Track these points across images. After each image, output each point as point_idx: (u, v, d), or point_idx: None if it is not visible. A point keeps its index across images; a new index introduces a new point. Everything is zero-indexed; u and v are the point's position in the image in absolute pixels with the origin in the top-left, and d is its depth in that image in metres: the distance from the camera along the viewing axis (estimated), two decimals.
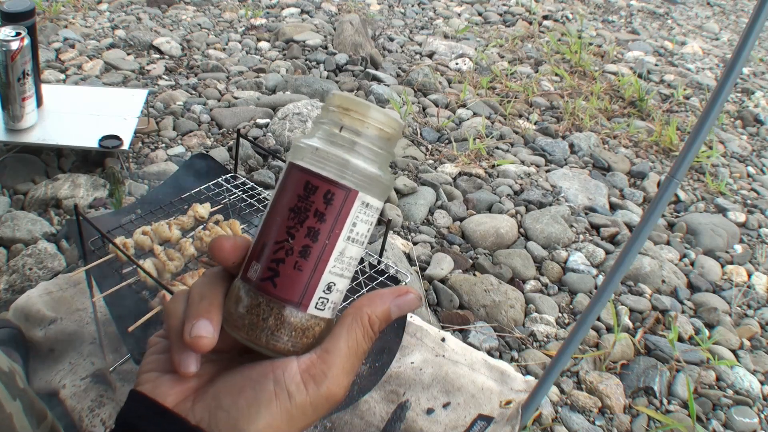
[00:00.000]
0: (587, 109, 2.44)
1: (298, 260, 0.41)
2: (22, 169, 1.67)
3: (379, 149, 0.42)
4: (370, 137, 0.41)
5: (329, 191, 0.40)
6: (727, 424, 1.31)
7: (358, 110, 0.41)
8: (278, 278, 0.41)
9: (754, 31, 0.75)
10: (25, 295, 1.26)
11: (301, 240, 0.40)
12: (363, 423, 1.13)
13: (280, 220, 0.41)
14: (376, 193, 0.42)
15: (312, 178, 0.40)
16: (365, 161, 0.41)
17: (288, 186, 0.41)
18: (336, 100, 0.42)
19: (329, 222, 0.41)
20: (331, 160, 0.40)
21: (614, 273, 0.95)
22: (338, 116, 0.41)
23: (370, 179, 0.41)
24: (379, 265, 1.14)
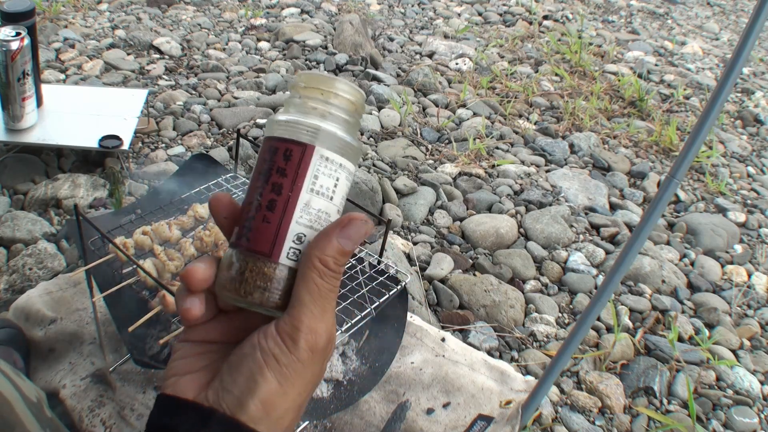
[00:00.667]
0: (587, 109, 2.44)
1: (265, 213, 0.44)
2: (22, 169, 1.67)
3: (339, 114, 0.46)
4: (330, 104, 0.46)
5: (287, 149, 0.44)
6: (727, 424, 1.31)
7: (318, 82, 0.46)
8: (250, 233, 0.44)
9: (754, 31, 0.75)
10: (25, 295, 1.26)
11: (267, 195, 0.44)
12: (363, 423, 1.13)
13: (253, 185, 0.45)
14: (337, 149, 0.45)
15: (274, 142, 0.45)
16: (322, 121, 0.45)
17: (259, 156, 0.46)
18: (301, 77, 0.47)
19: (290, 176, 0.44)
20: (290, 124, 0.45)
21: (614, 273, 0.95)
22: (301, 90, 0.46)
23: (328, 136, 0.45)
24: (379, 265, 1.14)
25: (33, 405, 0.74)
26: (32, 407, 0.73)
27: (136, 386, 1.11)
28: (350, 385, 1.14)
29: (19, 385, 0.73)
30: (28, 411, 0.72)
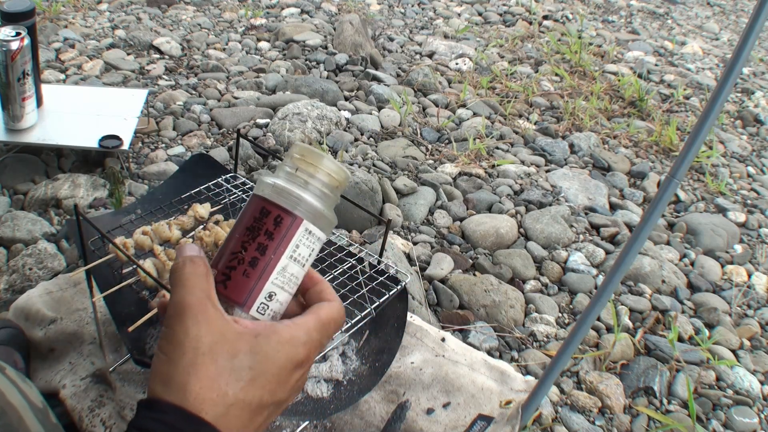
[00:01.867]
0: (587, 109, 2.44)
1: (246, 269, 0.49)
2: (22, 169, 1.67)
3: (325, 191, 0.51)
4: (319, 180, 0.51)
5: (279, 216, 0.50)
6: (727, 424, 1.31)
7: (313, 158, 0.51)
8: (229, 281, 0.49)
9: (754, 31, 0.75)
10: (25, 295, 1.26)
11: (252, 252, 0.49)
12: (363, 423, 1.13)
13: (238, 236, 0.50)
14: (320, 225, 0.51)
15: (267, 205, 0.50)
16: (312, 197, 0.50)
17: (248, 211, 0.51)
18: (296, 148, 0.52)
19: (276, 240, 0.49)
20: (284, 192, 0.50)
21: (614, 273, 0.95)
22: (296, 161, 0.51)
23: (315, 212, 0.50)
24: (379, 265, 1.14)
25: (39, 411, 0.74)
26: (38, 414, 0.73)
27: (136, 386, 1.11)
28: (350, 385, 1.14)
29: (25, 392, 0.73)
30: (35, 418, 0.72)
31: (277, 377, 0.46)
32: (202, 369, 0.43)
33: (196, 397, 0.43)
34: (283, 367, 0.46)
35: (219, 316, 0.46)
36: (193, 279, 0.47)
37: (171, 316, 0.46)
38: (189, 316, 0.45)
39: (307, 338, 0.48)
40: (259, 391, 0.45)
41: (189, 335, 0.44)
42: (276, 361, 0.46)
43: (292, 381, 0.47)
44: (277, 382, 0.46)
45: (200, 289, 0.47)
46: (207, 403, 0.43)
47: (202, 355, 0.44)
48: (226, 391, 0.43)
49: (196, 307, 0.45)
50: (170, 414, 0.42)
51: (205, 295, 0.47)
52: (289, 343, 0.47)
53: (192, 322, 0.45)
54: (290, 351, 0.47)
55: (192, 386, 0.43)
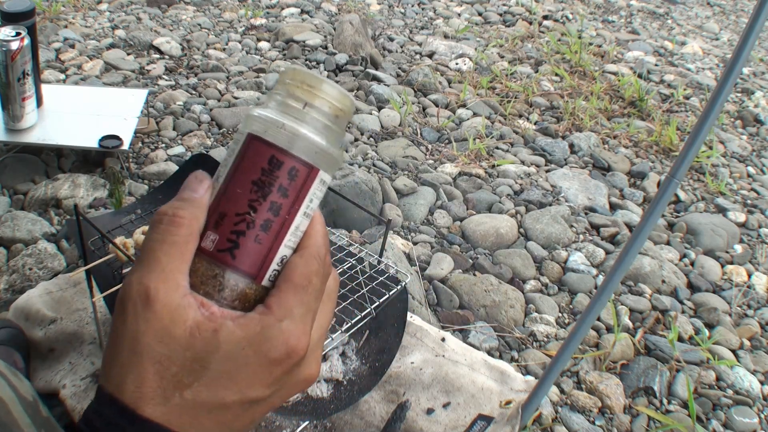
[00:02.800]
0: (587, 109, 2.44)
1: (258, 233, 0.41)
2: (22, 169, 1.67)
3: (335, 127, 0.43)
4: (329, 116, 0.42)
5: (294, 167, 0.41)
6: (727, 424, 1.31)
7: (318, 87, 0.42)
8: (237, 250, 0.41)
9: (754, 31, 0.75)
10: (25, 295, 1.26)
11: (264, 214, 0.41)
12: (363, 423, 1.13)
13: (241, 192, 0.41)
14: (332, 170, 0.43)
15: (277, 153, 0.41)
16: (327, 140, 0.42)
17: (249, 158, 0.41)
18: (296, 74, 0.42)
19: (291, 197, 0.41)
20: (297, 136, 0.41)
21: (614, 273, 0.95)
22: (299, 92, 0.42)
23: (329, 157, 0.42)
24: (379, 265, 1.14)
25: (29, 405, 0.73)
26: (28, 407, 0.73)
27: None
28: (350, 385, 1.14)
29: (15, 385, 0.73)
30: (24, 412, 0.71)
31: (245, 376, 0.39)
32: (138, 369, 0.38)
33: (132, 394, 0.38)
34: (253, 364, 0.39)
35: (171, 307, 0.38)
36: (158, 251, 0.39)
37: (118, 299, 0.40)
38: (129, 308, 0.39)
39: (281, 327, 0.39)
40: (218, 390, 0.39)
41: (127, 329, 0.38)
42: (241, 359, 0.39)
43: (270, 378, 0.40)
44: (247, 381, 0.39)
45: (160, 269, 0.39)
46: (145, 401, 0.38)
47: (138, 355, 0.38)
48: (169, 392, 0.38)
49: (142, 297, 0.38)
50: (107, 407, 0.39)
51: (164, 277, 0.39)
52: (258, 339, 0.39)
53: (132, 316, 0.38)
54: (261, 346, 0.39)
55: (127, 385, 0.38)
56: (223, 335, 0.38)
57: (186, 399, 0.38)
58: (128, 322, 0.38)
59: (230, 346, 0.38)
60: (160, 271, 0.39)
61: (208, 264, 0.41)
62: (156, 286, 0.38)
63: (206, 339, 0.38)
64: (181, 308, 0.38)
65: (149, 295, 0.38)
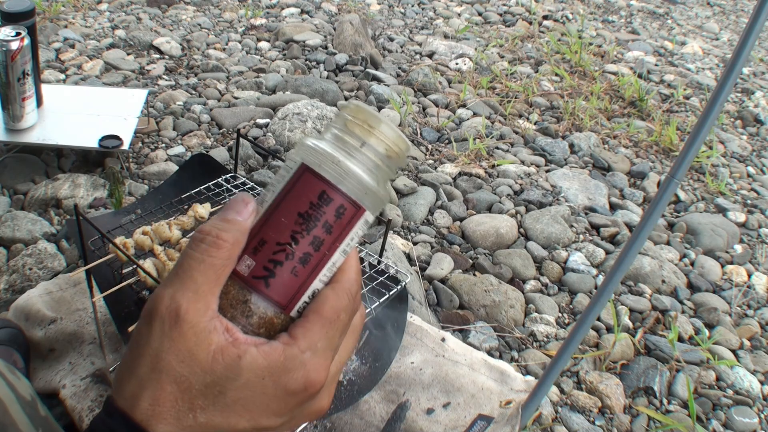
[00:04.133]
0: (587, 109, 2.44)
1: (296, 266, 0.40)
2: (22, 169, 1.67)
3: (387, 169, 0.42)
4: (384, 158, 0.42)
5: (342, 206, 0.41)
6: (727, 424, 1.31)
7: (379, 129, 0.42)
8: (272, 279, 0.40)
9: (754, 31, 0.75)
10: (25, 295, 1.26)
11: (305, 247, 0.40)
12: (363, 423, 1.13)
13: (286, 221, 0.40)
14: (376, 211, 0.43)
15: (328, 189, 0.40)
16: (378, 183, 0.41)
17: (299, 189, 0.41)
18: (358, 112, 0.42)
19: (334, 234, 0.41)
20: (350, 176, 0.40)
21: (614, 273, 0.95)
22: (359, 130, 0.42)
23: (377, 198, 0.42)
24: (379, 265, 1.14)
25: (27, 404, 0.73)
26: (26, 407, 0.73)
27: None
28: (350, 385, 1.14)
29: (13, 384, 0.73)
30: (22, 411, 0.71)
31: (260, 404, 0.39)
32: (155, 386, 0.38)
33: (144, 411, 0.38)
34: (270, 394, 0.39)
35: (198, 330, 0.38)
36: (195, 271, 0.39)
37: (145, 311, 0.40)
38: (157, 325, 0.38)
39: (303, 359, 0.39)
40: (231, 416, 0.39)
41: (150, 346, 0.38)
42: (259, 388, 0.39)
43: (284, 409, 0.40)
44: (261, 410, 0.39)
45: (194, 290, 0.39)
46: (157, 420, 0.38)
47: (158, 372, 0.38)
48: (183, 413, 0.38)
49: (171, 315, 0.38)
50: (116, 420, 0.39)
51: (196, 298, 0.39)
52: (279, 369, 0.39)
53: (158, 333, 0.38)
54: (281, 377, 0.39)
55: (142, 401, 0.38)
56: (245, 362, 0.38)
57: (199, 422, 0.38)
58: (153, 338, 0.38)
59: (251, 374, 0.38)
60: (194, 291, 0.39)
61: (240, 288, 0.41)
62: (187, 307, 0.38)
63: (228, 365, 0.38)
64: (207, 331, 0.38)
65: (179, 314, 0.38)
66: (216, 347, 0.38)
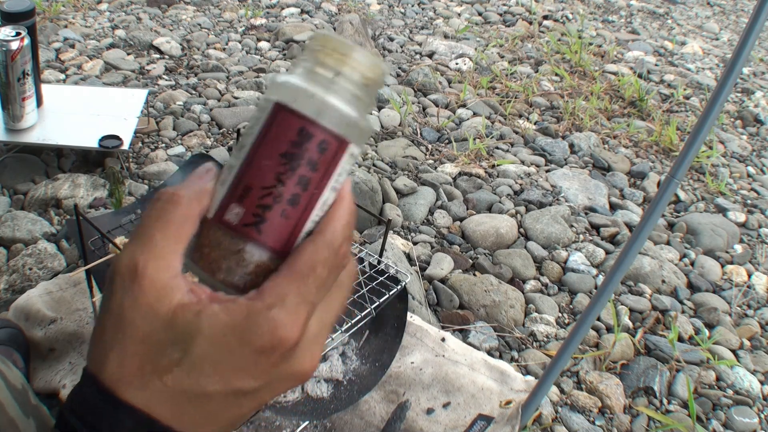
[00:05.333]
0: (587, 109, 2.44)
1: (286, 208, 0.39)
2: (22, 169, 1.67)
3: (366, 97, 0.40)
4: (360, 85, 0.40)
5: (324, 140, 0.39)
6: (727, 424, 1.31)
7: (351, 56, 0.39)
8: (264, 224, 0.39)
9: (754, 31, 0.75)
10: (25, 295, 1.26)
11: (292, 188, 0.39)
12: (363, 423, 1.13)
13: (268, 164, 0.39)
14: (361, 143, 0.41)
15: (307, 125, 0.39)
16: (358, 112, 0.40)
17: (277, 129, 0.39)
18: (327, 41, 0.40)
19: (321, 171, 0.39)
20: (328, 108, 0.39)
21: (614, 273, 0.95)
22: (330, 60, 0.39)
23: (360, 129, 0.40)
24: (379, 265, 1.14)
25: (19, 393, 0.73)
26: (17, 394, 0.72)
27: None
28: (350, 385, 1.14)
29: (3, 372, 0.73)
30: (12, 399, 0.71)
31: (228, 364, 0.37)
32: (120, 347, 0.37)
33: (112, 375, 0.37)
34: (237, 352, 0.37)
35: (158, 285, 0.37)
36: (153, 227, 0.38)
37: (108, 274, 0.38)
38: (118, 283, 0.37)
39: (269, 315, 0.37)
40: (199, 378, 0.37)
41: (113, 305, 0.37)
42: (223, 345, 0.36)
43: (256, 369, 0.37)
44: (230, 370, 0.37)
45: (152, 245, 0.37)
46: (125, 384, 0.37)
47: (121, 332, 0.37)
48: (149, 375, 0.37)
49: (131, 272, 0.37)
50: (87, 387, 0.38)
51: (155, 254, 0.37)
52: (242, 325, 0.36)
53: (120, 292, 0.37)
54: (245, 334, 0.36)
55: (109, 364, 0.37)
56: (205, 318, 0.36)
57: (167, 385, 0.37)
58: (115, 297, 0.37)
59: (212, 330, 0.36)
60: (152, 247, 0.37)
61: (232, 238, 0.39)
62: (145, 263, 0.37)
63: (188, 320, 0.36)
64: (168, 288, 0.37)
65: (137, 270, 0.37)
66: (177, 304, 0.37)
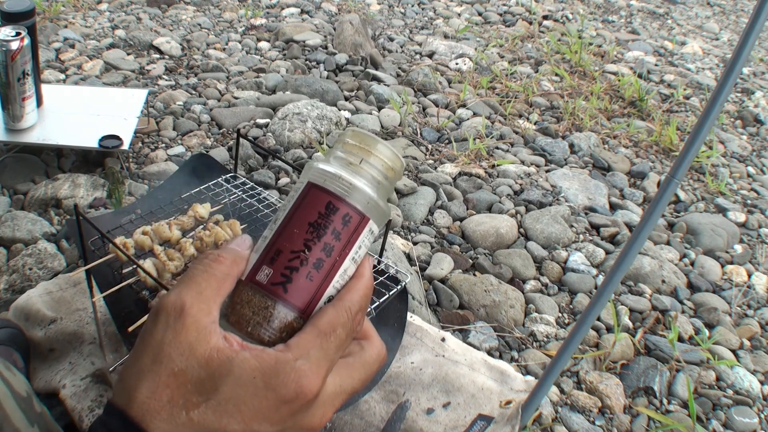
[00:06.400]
0: (587, 109, 2.44)
1: (311, 271, 0.44)
2: (22, 169, 1.67)
3: (386, 183, 0.48)
4: (381, 173, 0.47)
5: (348, 214, 0.45)
6: (727, 424, 1.31)
7: (376, 148, 0.47)
8: (290, 284, 0.44)
9: (754, 31, 0.75)
10: (25, 295, 1.26)
11: (317, 253, 0.44)
12: (363, 423, 1.13)
13: (298, 232, 0.45)
14: (380, 222, 0.48)
15: (333, 200, 0.45)
16: (377, 194, 0.46)
17: (308, 203, 0.46)
18: (356, 136, 0.47)
19: (343, 241, 0.45)
20: (352, 188, 0.45)
21: (614, 273, 0.95)
22: (358, 150, 0.47)
23: (379, 209, 0.47)
24: (379, 265, 1.14)
25: (22, 400, 0.73)
26: (21, 402, 0.72)
27: None
28: None
29: (8, 380, 0.73)
30: (17, 407, 0.71)
31: (251, 407, 0.40)
32: (154, 377, 0.39)
33: (141, 405, 0.39)
34: (261, 397, 0.40)
35: (199, 326, 0.40)
36: (199, 277, 0.43)
37: (152, 309, 0.42)
38: (162, 318, 0.41)
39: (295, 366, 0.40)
40: (222, 417, 0.39)
41: (154, 338, 0.40)
42: (250, 389, 0.39)
43: (276, 416, 0.40)
44: (252, 413, 0.40)
45: (198, 291, 0.42)
46: (152, 415, 0.39)
47: (158, 363, 0.39)
48: (177, 409, 0.39)
49: (176, 310, 0.40)
50: (113, 417, 0.39)
51: (200, 299, 0.41)
52: (270, 372, 0.40)
53: (162, 326, 0.40)
54: (272, 380, 0.40)
55: (139, 393, 0.39)
56: (237, 362, 0.40)
57: (192, 420, 0.39)
58: (157, 330, 0.41)
59: (242, 372, 0.40)
60: (197, 292, 0.42)
61: (261, 297, 0.44)
62: (191, 303, 0.41)
63: (221, 362, 0.40)
64: (208, 330, 0.41)
65: (184, 308, 0.41)
66: (214, 345, 0.40)
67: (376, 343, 0.49)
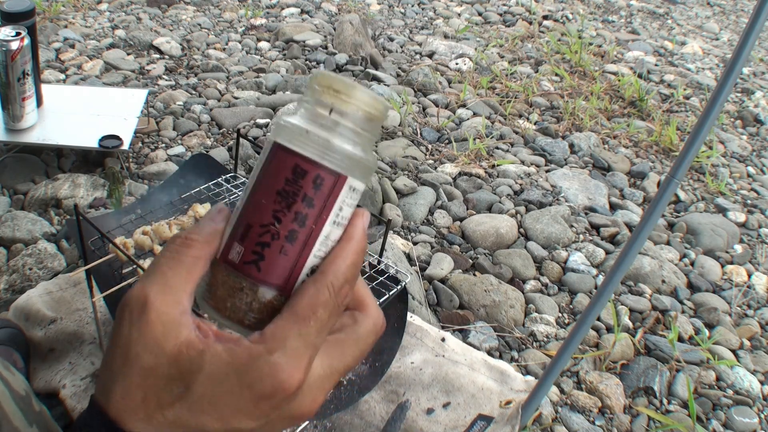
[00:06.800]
0: (587, 109, 2.44)
1: (284, 245, 0.40)
2: (22, 169, 1.67)
3: (365, 132, 0.41)
4: (358, 120, 0.40)
5: (319, 176, 0.39)
6: (727, 424, 1.31)
7: (346, 91, 0.40)
8: (263, 262, 0.40)
9: (754, 31, 0.75)
10: (25, 295, 1.26)
11: (288, 225, 0.40)
12: (363, 423, 1.13)
13: (266, 202, 0.40)
14: (362, 177, 0.41)
15: (301, 162, 0.39)
16: (354, 145, 0.40)
17: (274, 168, 0.40)
18: (323, 79, 0.41)
19: (317, 207, 0.40)
20: (320, 143, 0.39)
21: (614, 273, 0.95)
22: (326, 97, 0.40)
23: (359, 163, 0.40)
24: (379, 265, 1.14)
25: (21, 399, 0.73)
26: (20, 402, 0.72)
27: None
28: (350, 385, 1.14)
29: (7, 379, 0.73)
30: (16, 406, 0.71)
31: (228, 404, 0.37)
32: (125, 378, 0.38)
33: (116, 405, 0.38)
34: (237, 394, 0.37)
35: (166, 320, 0.38)
36: (165, 266, 0.39)
37: (119, 306, 0.40)
38: (126, 315, 0.38)
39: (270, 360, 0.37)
40: (199, 415, 0.38)
41: (121, 337, 0.38)
42: (225, 386, 0.37)
43: (256, 411, 0.38)
44: (230, 410, 0.38)
45: (163, 282, 0.39)
46: (129, 415, 0.37)
47: (128, 363, 0.37)
48: (152, 408, 0.37)
49: (139, 305, 0.38)
50: (94, 416, 0.38)
51: (165, 290, 0.38)
52: (243, 369, 0.37)
53: (127, 323, 0.38)
54: (245, 377, 0.37)
55: (114, 393, 0.38)
56: (208, 357, 0.37)
57: (168, 419, 0.37)
58: (123, 329, 0.38)
59: (213, 369, 0.37)
60: (162, 283, 0.39)
61: (235, 277, 0.40)
62: (155, 296, 0.38)
63: (191, 357, 0.37)
64: (175, 324, 0.38)
65: (147, 303, 0.38)
66: (183, 340, 0.37)
67: (371, 313, 0.44)
